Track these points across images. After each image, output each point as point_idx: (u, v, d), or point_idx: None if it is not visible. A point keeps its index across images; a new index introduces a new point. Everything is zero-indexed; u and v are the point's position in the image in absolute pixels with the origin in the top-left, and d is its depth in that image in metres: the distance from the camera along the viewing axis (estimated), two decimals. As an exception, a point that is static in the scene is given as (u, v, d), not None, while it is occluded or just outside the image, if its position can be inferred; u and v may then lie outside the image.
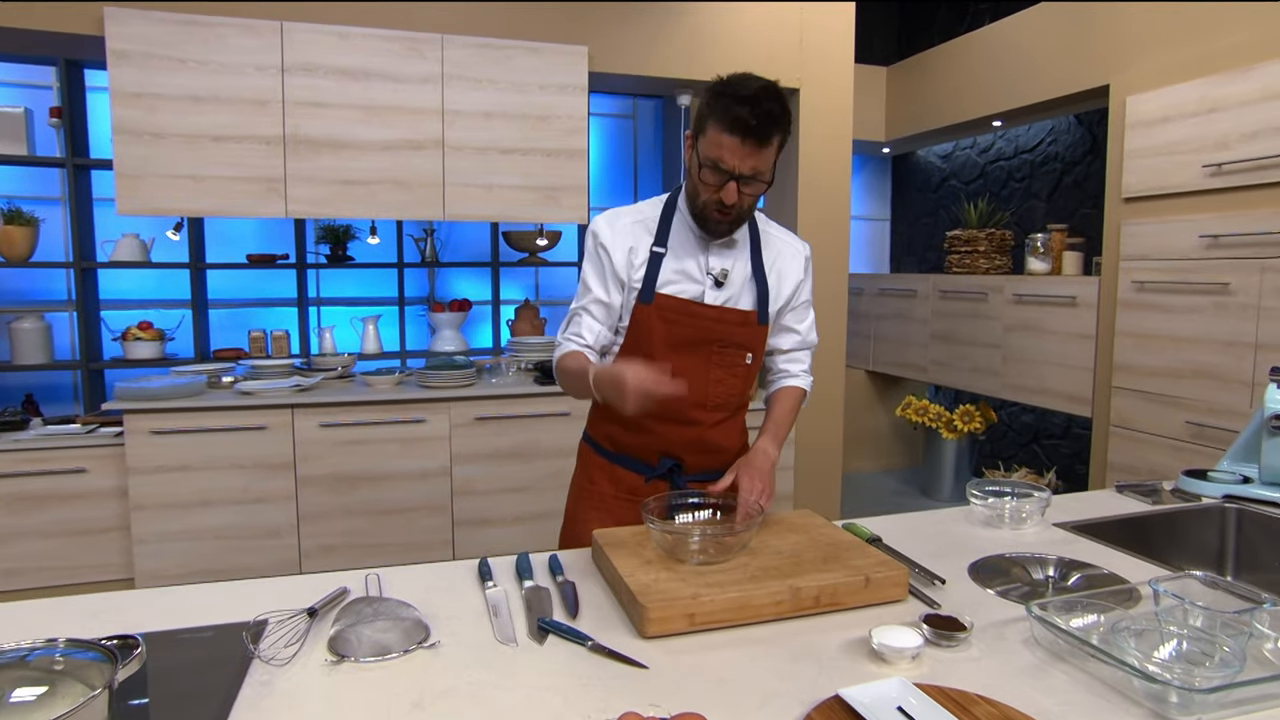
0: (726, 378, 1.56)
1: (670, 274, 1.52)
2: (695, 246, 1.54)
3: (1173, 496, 1.82)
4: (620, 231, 1.53)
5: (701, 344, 1.53)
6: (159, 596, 1.23)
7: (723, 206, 1.42)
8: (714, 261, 1.54)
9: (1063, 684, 0.98)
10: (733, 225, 1.48)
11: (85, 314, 3.62)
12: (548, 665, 1.02)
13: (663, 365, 1.32)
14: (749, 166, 1.36)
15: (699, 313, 1.52)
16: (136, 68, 2.81)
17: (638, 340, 1.53)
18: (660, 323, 1.50)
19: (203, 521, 2.94)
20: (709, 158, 1.38)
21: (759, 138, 1.33)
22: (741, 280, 1.56)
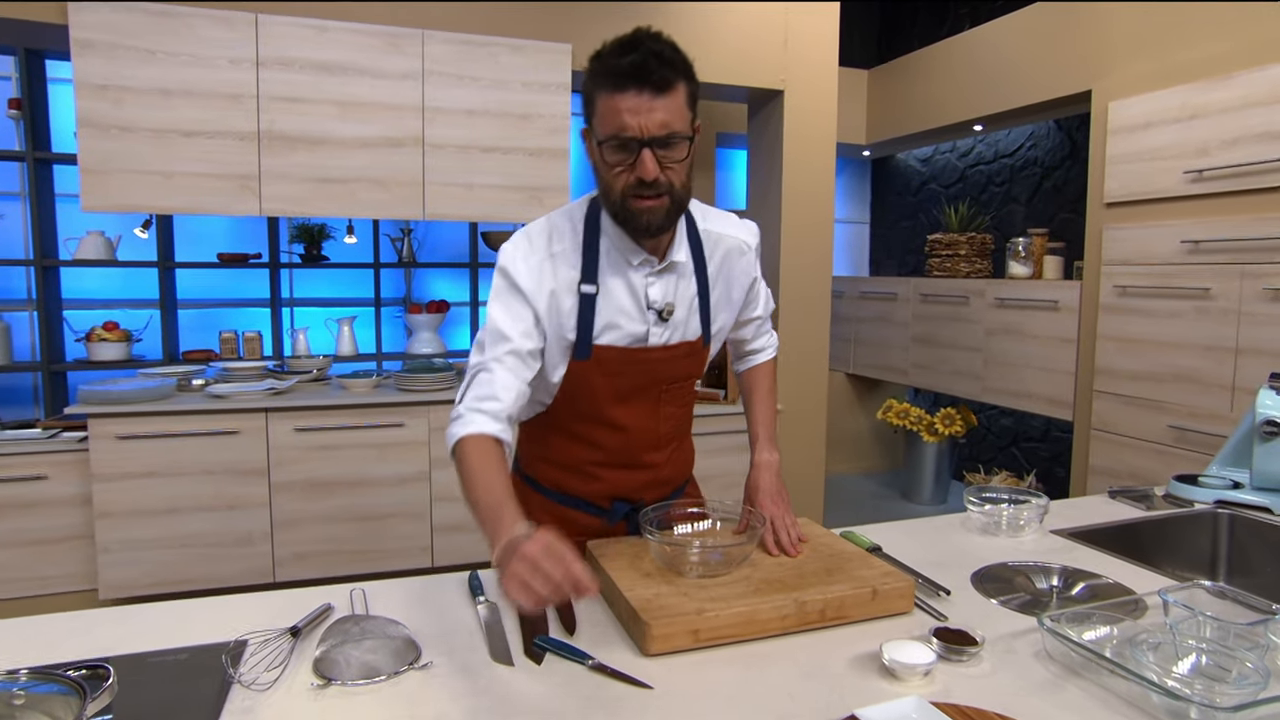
0: (676, 411, 1.40)
1: (607, 318, 1.26)
2: (631, 277, 1.27)
3: (1164, 502, 1.81)
4: (541, 270, 1.23)
5: (649, 387, 1.33)
6: (129, 615, 1.16)
7: (643, 187, 1.15)
8: (655, 293, 1.28)
9: (1078, 699, 0.95)
10: (670, 214, 1.19)
11: (46, 314, 3.49)
12: (547, 687, 0.97)
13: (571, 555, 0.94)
14: (657, 123, 1.11)
15: (645, 358, 1.29)
16: (102, 58, 2.71)
17: (574, 397, 1.31)
18: (603, 377, 1.28)
19: (171, 530, 2.84)
20: (609, 134, 1.13)
21: (655, 84, 1.10)
22: (686, 305, 1.32)
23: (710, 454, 3.51)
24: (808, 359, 3.74)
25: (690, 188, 1.23)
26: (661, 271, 1.28)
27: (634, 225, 1.20)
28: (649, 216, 1.18)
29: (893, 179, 5.33)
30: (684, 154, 1.16)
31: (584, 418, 1.33)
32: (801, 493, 3.76)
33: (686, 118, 1.16)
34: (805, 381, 3.74)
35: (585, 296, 1.25)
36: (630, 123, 1.11)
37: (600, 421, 1.33)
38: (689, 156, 1.18)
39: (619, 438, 1.34)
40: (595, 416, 1.32)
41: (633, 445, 1.36)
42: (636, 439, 1.35)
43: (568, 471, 1.40)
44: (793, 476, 3.74)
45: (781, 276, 3.65)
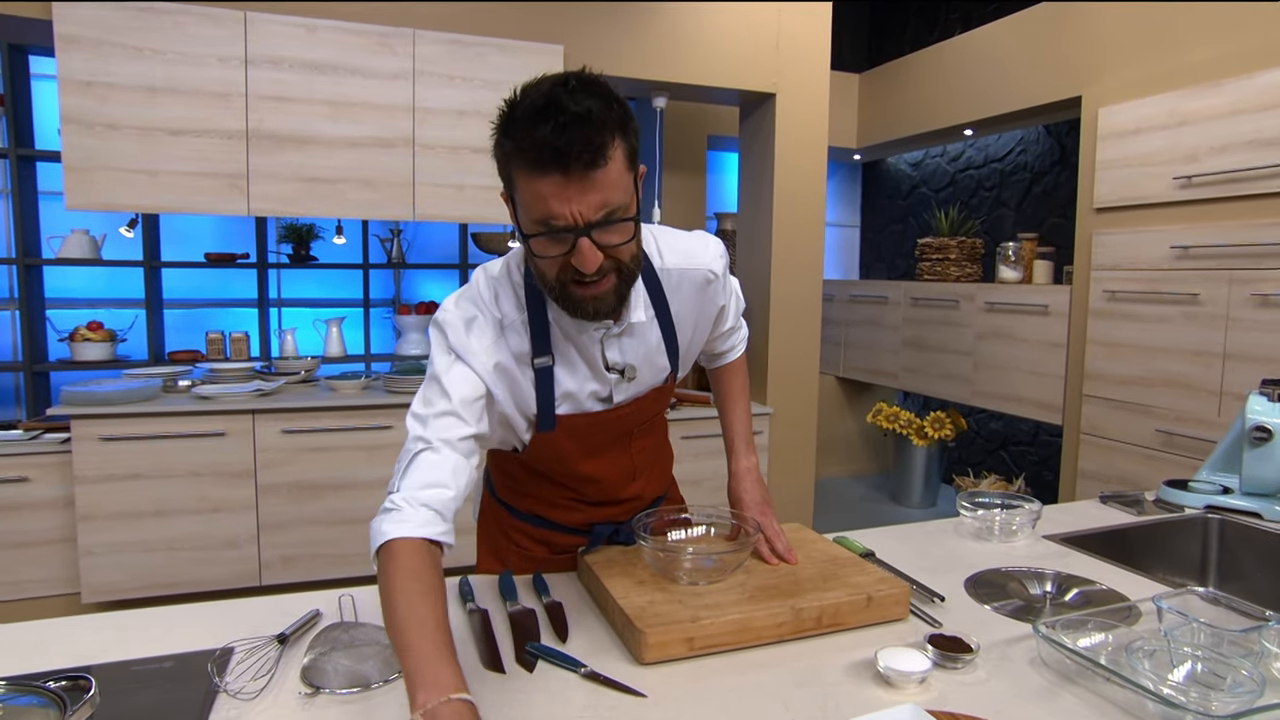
0: (650, 445, 1.36)
1: (566, 387, 1.16)
2: (586, 342, 1.15)
3: (1155, 507, 1.82)
4: (489, 349, 1.09)
5: (620, 437, 1.27)
6: (111, 621, 1.14)
7: (583, 279, 0.99)
8: (613, 354, 1.17)
9: (1074, 707, 0.95)
10: (619, 291, 1.04)
11: (29, 313, 3.44)
12: (539, 695, 0.96)
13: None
14: (592, 206, 0.93)
15: (610, 419, 1.22)
16: (87, 54, 2.67)
17: (545, 458, 1.23)
18: (568, 441, 1.20)
19: (156, 533, 2.80)
20: (537, 221, 0.96)
21: (586, 161, 0.91)
22: (650, 362, 1.22)
23: (701, 456, 3.51)
24: (798, 362, 3.74)
25: (640, 255, 1.06)
26: (617, 336, 1.16)
27: (580, 313, 1.05)
28: (596, 304, 1.03)
29: (883, 183, 5.35)
30: (629, 232, 0.99)
31: (555, 471, 1.28)
32: (791, 496, 3.76)
33: (628, 186, 0.98)
34: (795, 385, 3.74)
35: (541, 370, 1.13)
36: (560, 210, 0.93)
37: (573, 475, 1.28)
38: (635, 228, 1.01)
39: (593, 487, 1.31)
40: (566, 472, 1.27)
41: (608, 488, 1.33)
42: (610, 480, 1.32)
43: (546, 505, 1.35)
44: (782, 480, 3.73)
45: (772, 280, 3.65)
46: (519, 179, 0.96)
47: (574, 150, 0.90)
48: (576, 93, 0.92)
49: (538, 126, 0.90)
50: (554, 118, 0.90)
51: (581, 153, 0.90)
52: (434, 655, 0.81)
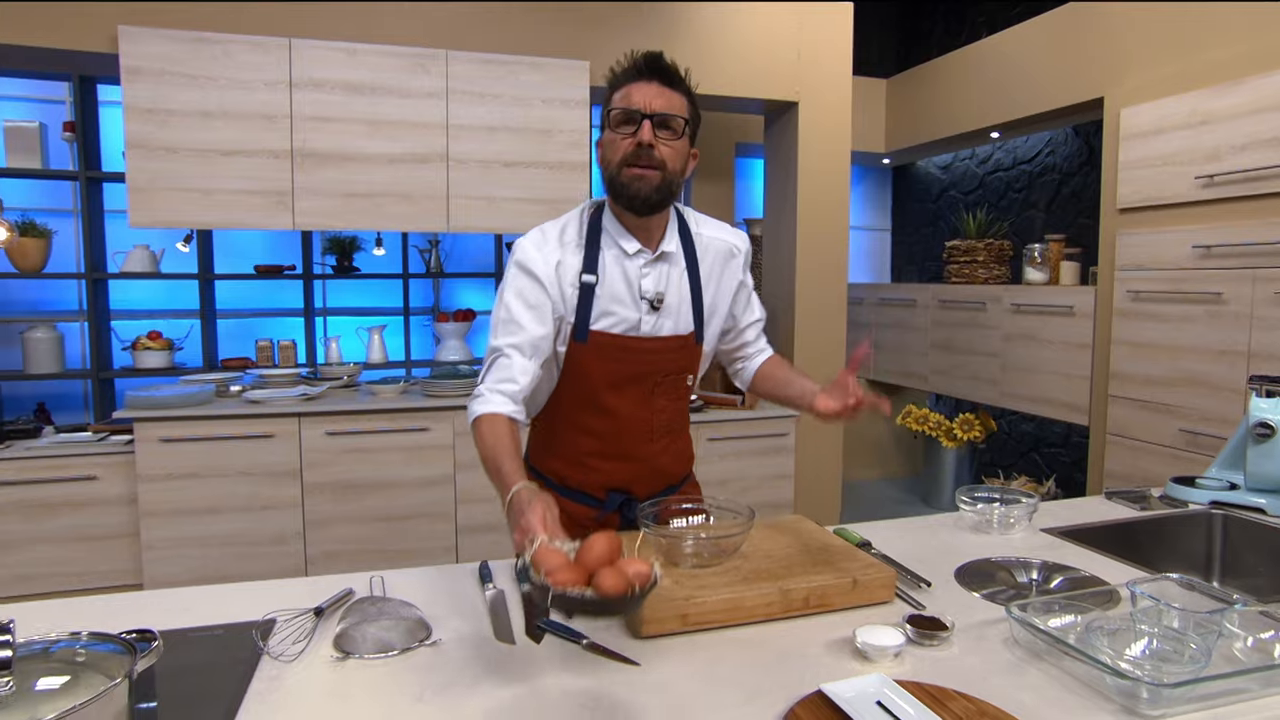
0: (669, 405, 1.49)
1: (604, 305, 1.39)
2: (626, 268, 1.40)
3: (1160, 503, 1.85)
4: (549, 258, 1.36)
5: (643, 377, 1.44)
6: (172, 596, 1.28)
7: (639, 154, 1.29)
8: (648, 284, 1.41)
9: (1039, 681, 1.02)
10: (659, 189, 1.32)
11: (96, 324, 3.69)
12: (545, 661, 1.07)
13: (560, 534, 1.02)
14: (660, 104, 1.30)
15: (637, 347, 1.41)
16: (149, 84, 2.88)
17: (575, 379, 1.42)
18: (598, 361, 1.40)
19: (211, 528, 2.99)
20: (617, 110, 1.32)
21: (664, 78, 1.32)
22: (678, 299, 1.44)
23: (726, 458, 3.58)
24: (824, 365, 3.80)
25: (681, 176, 1.38)
26: (654, 262, 1.42)
27: (627, 194, 1.33)
28: (640, 184, 1.32)
29: (913, 186, 5.36)
30: (678, 137, 1.34)
31: (581, 404, 1.44)
32: (818, 498, 3.81)
33: (683, 112, 1.34)
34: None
35: (585, 285, 1.38)
36: (637, 100, 1.31)
37: (595, 407, 1.43)
38: (683, 146, 1.35)
39: (612, 424, 1.44)
40: (591, 402, 1.43)
41: (625, 434, 1.46)
42: (628, 427, 1.45)
43: (568, 463, 1.50)
44: (809, 481, 3.79)
45: (798, 284, 3.72)
46: (616, 91, 1.35)
47: (658, 68, 1.33)
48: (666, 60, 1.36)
49: (638, 59, 1.34)
50: (649, 55, 1.34)
51: (663, 70, 1.33)
52: (502, 470, 1.18)
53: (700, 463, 3.63)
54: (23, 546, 2.91)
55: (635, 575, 0.89)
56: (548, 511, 1.04)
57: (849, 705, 0.90)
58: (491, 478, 1.21)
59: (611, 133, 1.34)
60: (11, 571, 2.92)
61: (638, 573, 0.89)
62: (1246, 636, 1.06)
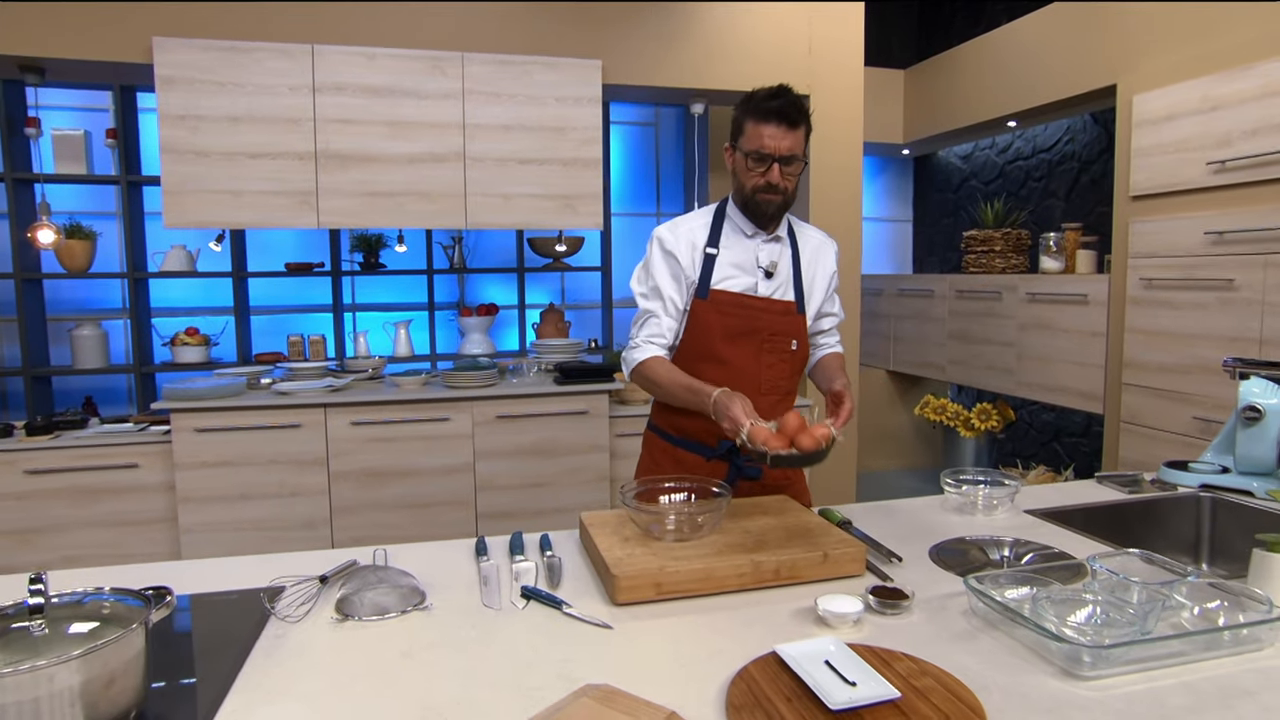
0: (776, 363, 1.74)
1: (724, 272, 1.71)
2: (745, 244, 1.73)
3: (1153, 486, 1.87)
4: (682, 236, 1.73)
5: (753, 333, 1.71)
6: (193, 566, 1.39)
7: (769, 188, 1.63)
8: (764, 256, 1.74)
9: (989, 647, 1.08)
10: (781, 208, 1.68)
11: (137, 321, 3.88)
12: (525, 626, 1.15)
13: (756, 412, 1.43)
14: (786, 147, 1.60)
15: (750, 304, 1.71)
16: (181, 92, 3.03)
17: (696, 333, 1.72)
18: (716, 315, 1.69)
19: (243, 514, 3.14)
20: (751, 150, 1.61)
21: (790, 121, 1.59)
22: (786, 273, 1.76)
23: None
24: (838, 355, 3.83)
25: (795, 195, 1.70)
26: (770, 241, 1.74)
27: (757, 212, 1.69)
28: (768, 206, 1.67)
29: (934, 176, 5.35)
30: (797, 170, 1.66)
31: (701, 354, 1.71)
32: (833, 488, 3.85)
33: (803, 145, 1.65)
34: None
35: (709, 256, 1.72)
36: (769, 145, 1.60)
37: (713, 357, 1.70)
38: (798, 173, 1.67)
39: (726, 372, 1.67)
40: (709, 352, 1.70)
41: (738, 383, 1.63)
42: (740, 377, 1.67)
43: (687, 414, 1.69)
44: (823, 472, 3.83)
45: (810, 275, 3.75)
46: (748, 125, 1.63)
47: (789, 113, 1.59)
48: (793, 93, 1.63)
49: (773, 99, 1.60)
50: (781, 98, 1.60)
51: (790, 116, 1.59)
52: (696, 388, 1.55)
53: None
54: (71, 530, 3.09)
55: (822, 436, 1.32)
56: (744, 404, 1.42)
57: (796, 663, 0.96)
58: (683, 397, 1.59)
59: (745, 160, 1.64)
60: (60, 553, 3.10)
61: (824, 434, 1.32)
62: (1194, 606, 1.11)
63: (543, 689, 0.96)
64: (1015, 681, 0.98)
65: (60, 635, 0.87)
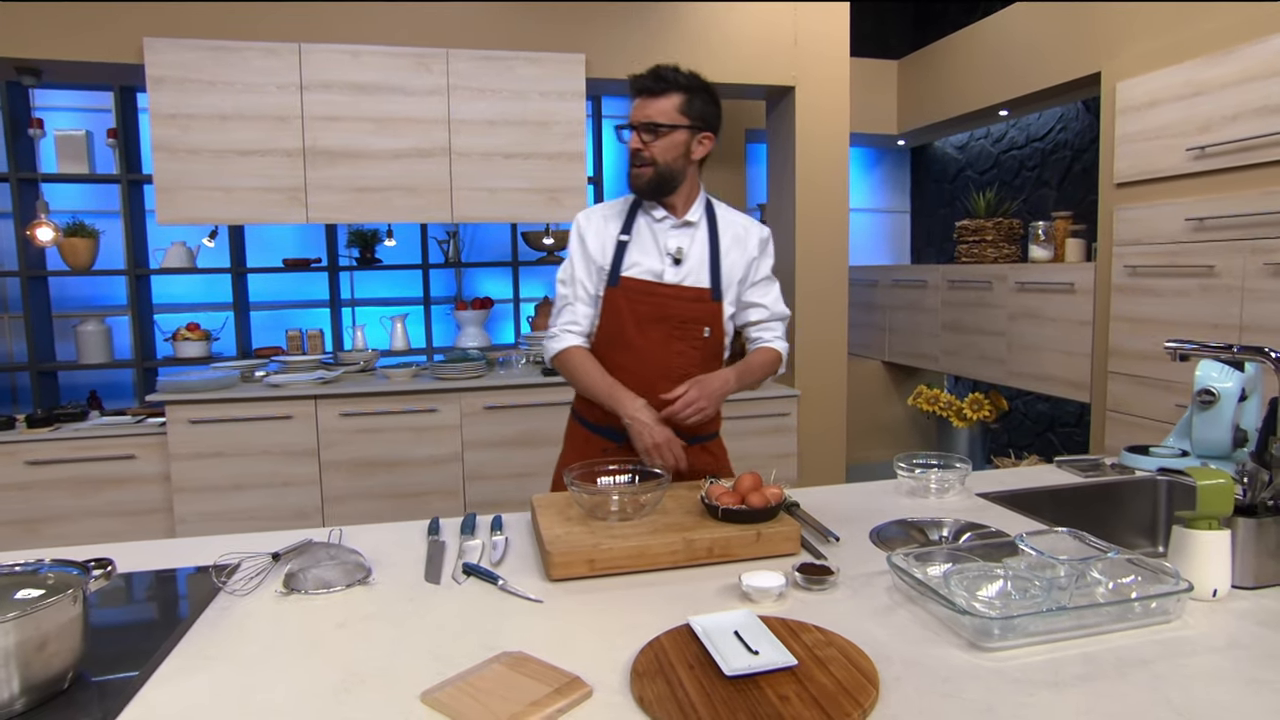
0: (687, 350, 1.74)
1: (634, 258, 1.74)
2: (655, 229, 1.75)
3: (1112, 471, 1.89)
4: (594, 223, 1.78)
5: (662, 320, 1.72)
6: (163, 544, 1.45)
7: (632, 156, 1.68)
8: (671, 242, 1.75)
9: (903, 621, 1.11)
10: (652, 181, 1.69)
11: (139, 317, 3.97)
12: (460, 599, 1.20)
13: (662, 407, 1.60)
14: (643, 115, 1.65)
15: (658, 291, 1.72)
16: (172, 91, 3.10)
17: (608, 319, 1.74)
18: (625, 302, 1.72)
19: (237, 503, 3.22)
20: (622, 124, 1.70)
21: (648, 91, 1.65)
22: (699, 260, 1.75)
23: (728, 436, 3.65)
24: (825, 347, 3.85)
25: (679, 167, 1.71)
26: (680, 227, 1.76)
27: (632, 186, 1.73)
28: (637, 180, 1.71)
29: (931, 167, 5.33)
30: (665, 140, 1.67)
31: (612, 341, 1.74)
32: (821, 479, 3.87)
33: (670, 114, 1.66)
34: (823, 369, 3.85)
35: (620, 243, 1.75)
36: (632, 114, 1.68)
37: (623, 343, 1.72)
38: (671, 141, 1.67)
39: (635, 359, 1.72)
40: (619, 338, 1.73)
41: (645, 370, 1.71)
42: (650, 364, 1.72)
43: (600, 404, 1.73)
44: (812, 463, 3.85)
45: (797, 266, 3.77)
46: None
47: (648, 82, 1.66)
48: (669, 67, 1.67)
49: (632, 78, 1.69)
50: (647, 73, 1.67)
51: (653, 84, 1.66)
52: (614, 390, 1.66)
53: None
54: (73, 519, 3.18)
55: (772, 495, 1.37)
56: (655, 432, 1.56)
57: (704, 634, 1.00)
58: (600, 397, 1.68)
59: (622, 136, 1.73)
60: (63, 542, 3.19)
61: (774, 494, 1.38)
62: (1109, 581, 1.13)
63: (464, 657, 1.00)
64: (920, 653, 1.01)
65: (7, 600, 0.92)
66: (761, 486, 1.40)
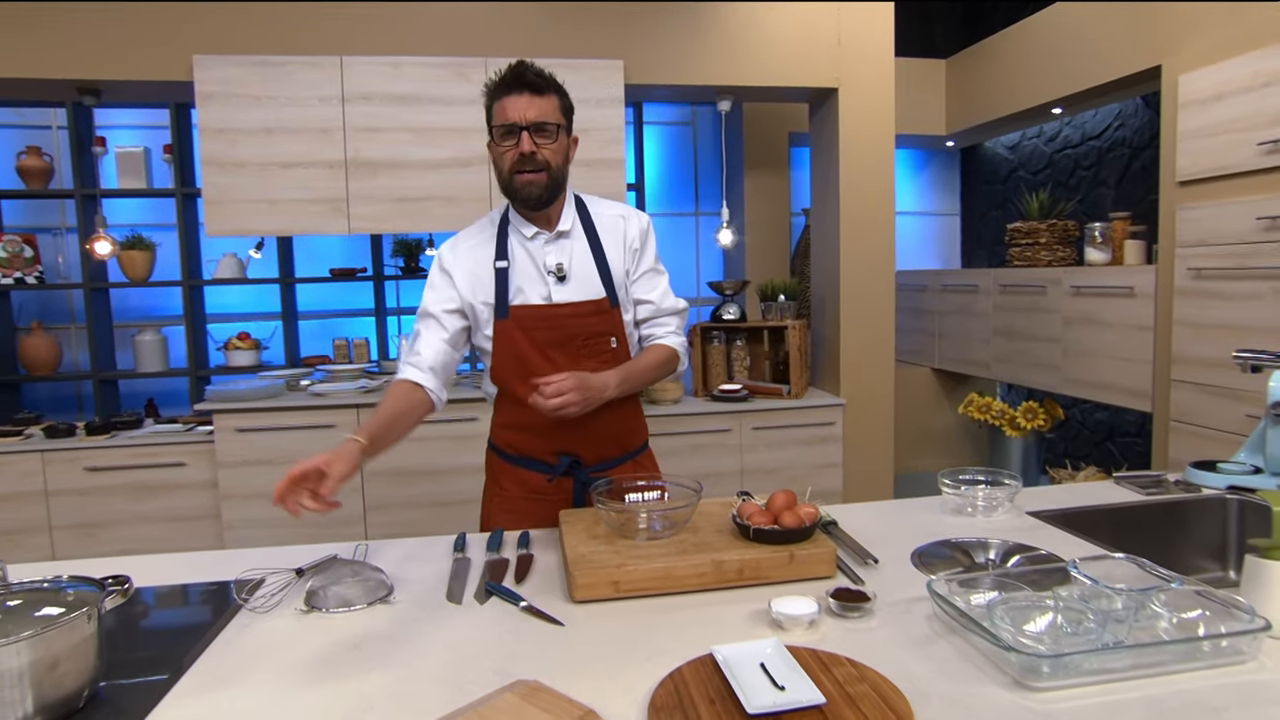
0: (598, 366, 1.57)
1: (517, 284, 1.59)
2: (530, 249, 1.60)
3: (1176, 488, 1.77)
4: (462, 255, 1.60)
5: (566, 341, 1.59)
6: (189, 558, 1.46)
7: (523, 160, 1.49)
8: (550, 259, 1.60)
9: (944, 654, 1.04)
10: (549, 189, 1.53)
11: (193, 327, 4.08)
12: (480, 620, 1.17)
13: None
14: (533, 114, 1.48)
15: (553, 313, 1.58)
16: (220, 106, 3.17)
17: (504, 352, 1.59)
18: (521, 332, 1.57)
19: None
20: (498, 125, 1.51)
21: (532, 87, 1.49)
22: (584, 270, 1.61)
23: (771, 447, 3.60)
24: (871, 354, 3.75)
25: (565, 172, 1.58)
26: (554, 240, 1.61)
27: (521, 196, 1.55)
28: (531, 189, 1.53)
29: (981, 168, 5.17)
30: (556, 143, 1.53)
31: (517, 374, 1.58)
32: (868, 490, 3.76)
33: (557, 115, 1.53)
34: (870, 376, 3.75)
35: (499, 270, 1.59)
36: (512, 114, 1.49)
37: (527, 374, 1.54)
38: (561, 144, 1.54)
39: None
40: (523, 369, 1.57)
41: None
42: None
43: (517, 432, 1.65)
44: (858, 473, 3.75)
45: (842, 271, 3.68)
46: (494, 107, 1.52)
47: (528, 77, 1.49)
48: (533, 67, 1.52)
49: (508, 73, 1.51)
50: (518, 67, 1.51)
51: (534, 79, 1.49)
52: (361, 425, 1.44)
53: (745, 452, 3.66)
54: (128, 524, 3.27)
55: (806, 515, 1.30)
56: (333, 465, 1.30)
57: (727, 665, 0.95)
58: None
59: (497, 145, 1.53)
60: (119, 546, 3.28)
61: (809, 514, 1.30)
62: (1172, 615, 1.04)
63: (476, 683, 0.97)
64: (961, 691, 0.94)
65: (18, 619, 0.92)
66: (795, 505, 1.34)
